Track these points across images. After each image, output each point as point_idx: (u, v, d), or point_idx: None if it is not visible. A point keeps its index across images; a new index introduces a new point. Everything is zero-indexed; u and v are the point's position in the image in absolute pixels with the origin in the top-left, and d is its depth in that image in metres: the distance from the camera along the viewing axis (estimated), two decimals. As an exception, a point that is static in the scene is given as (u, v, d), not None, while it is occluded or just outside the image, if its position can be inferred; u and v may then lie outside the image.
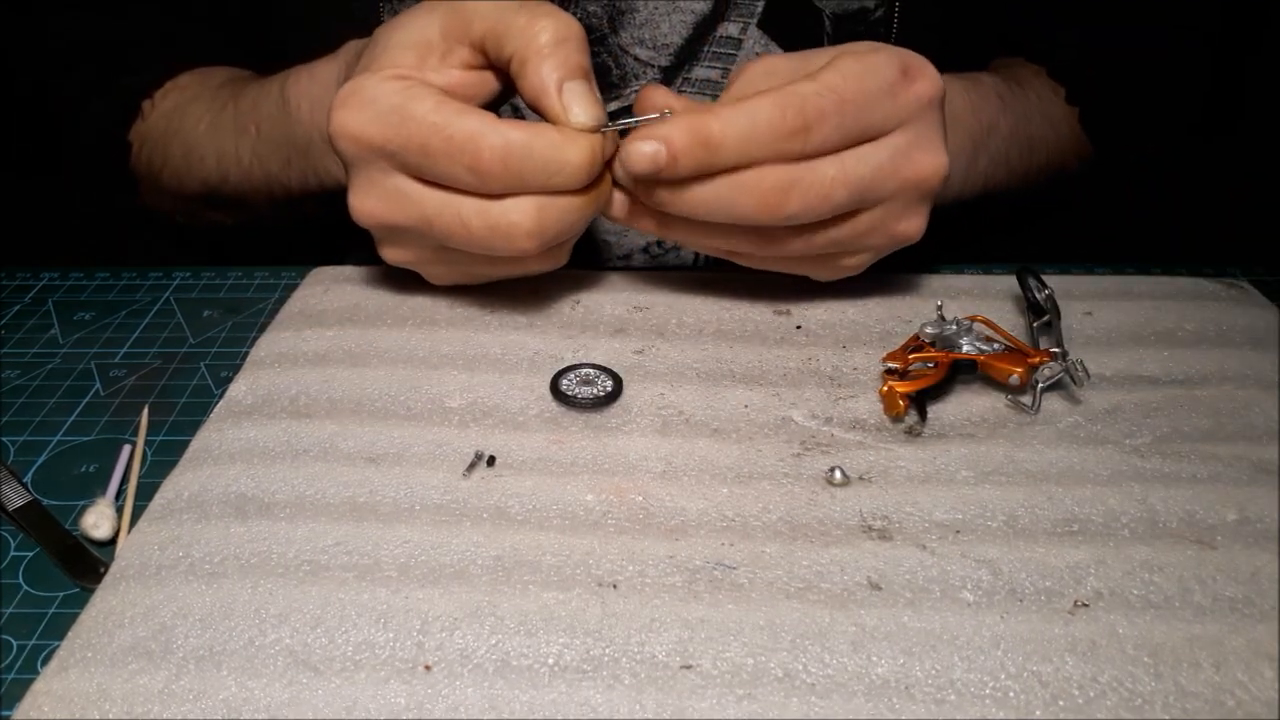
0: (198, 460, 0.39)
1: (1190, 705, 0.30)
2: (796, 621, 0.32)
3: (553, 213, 0.41)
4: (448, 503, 0.37)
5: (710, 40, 0.57)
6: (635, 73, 0.57)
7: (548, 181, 0.40)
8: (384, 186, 0.42)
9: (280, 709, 0.30)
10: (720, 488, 0.38)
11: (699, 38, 0.56)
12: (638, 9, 0.56)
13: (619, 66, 0.57)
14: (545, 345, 0.46)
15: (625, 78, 0.57)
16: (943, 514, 0.36)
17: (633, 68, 0.57)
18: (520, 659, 0.31)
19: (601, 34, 0.56)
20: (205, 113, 0.57)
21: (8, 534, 0.37)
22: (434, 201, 0.42)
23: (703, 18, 0.56)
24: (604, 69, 0.57)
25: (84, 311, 0.50)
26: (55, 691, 0.30)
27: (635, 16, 0.56)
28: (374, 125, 0.41)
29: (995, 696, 0.30)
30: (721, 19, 0.56)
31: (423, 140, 0.40)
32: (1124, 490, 0.37)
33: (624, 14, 0.56)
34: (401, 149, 0.41)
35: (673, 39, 0.56)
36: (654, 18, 0.56)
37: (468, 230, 0.41)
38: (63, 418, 0.43)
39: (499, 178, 0.40)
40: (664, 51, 0.57)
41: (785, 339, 0.47)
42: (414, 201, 0.42)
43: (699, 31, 0.56)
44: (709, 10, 0.56)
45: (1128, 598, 0.33)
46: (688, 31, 0.56)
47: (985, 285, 0.50)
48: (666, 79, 0.57)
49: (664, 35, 0.56)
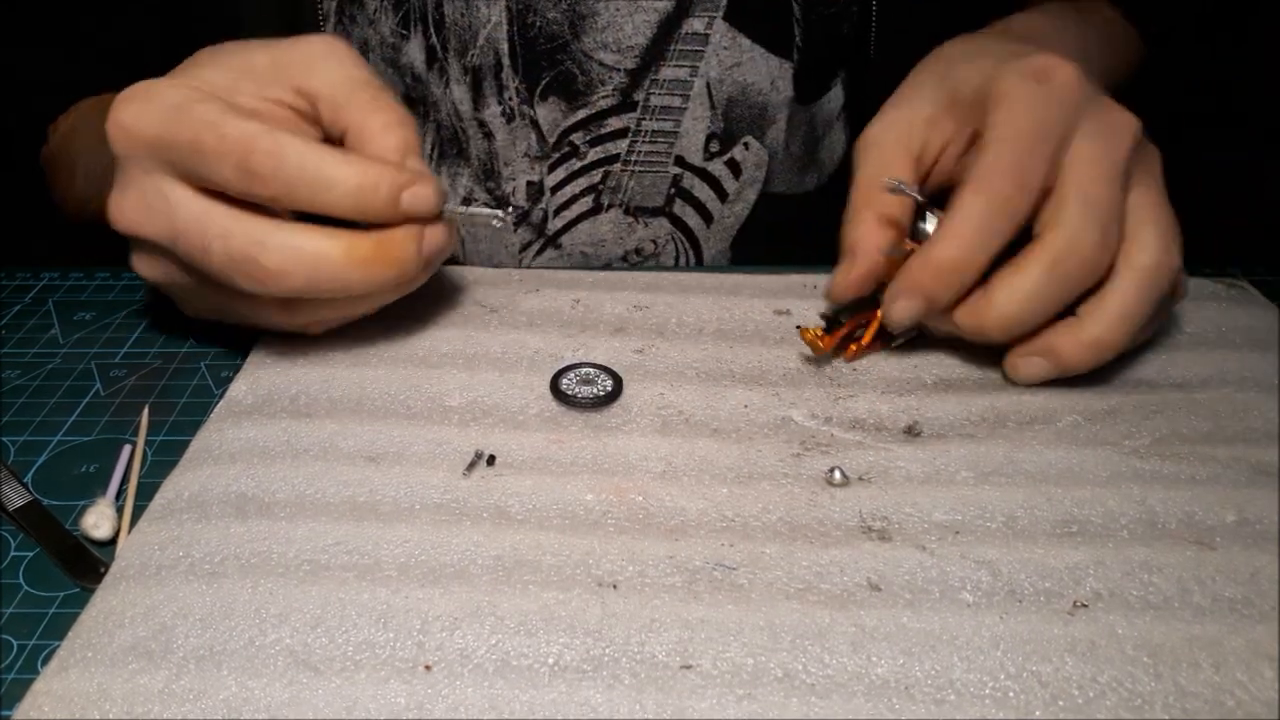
0: (198, 460, 0.39)
1: (1190, 705, 0.30)
2: (796, 622, 0.32)
3: (305, 264, 0.39)
4: (448, 502, 0.37)
5: (675, 38, 0.56)
6: (601, 78, 0.56)
7: (314, 197, 0.39)
8: (143, 188, 0.41)
9: (280, 709, 0.30)
10: (720, 488, 0.38)
11: (664, 36, 0.55)
12: (599, 12, 0.55)
13: (584, 73, 0.56)
14: (545, 345, 0.46)
15: (591, 84, 0.56)
16: (942, 515, 0.36)
17: (598, 73, 0.56)
18: (520, 659, 0.31)
19: (564, 41, 0.55)
20: (86, 131, 0.56)
21: (8, 534, 0.37)
22: (187, 213, 0.40)
23: (666, 15, 0.55)
24: (569, 76, 0.56)
25: (84, 311, 0.50)
26: (55, 691, 0.30)
27: (597, 20, 0.55)
28: (150, 119, 0.40)
29: (995, 697, 0.30)
30: (685, 15, 0.55)
31: (194, 135, 0.39)
32: (1123, 491, 0.37)
33: (585, 18, 0.55)
34: (172, 144, 0.40)
35: (637, 40, 0.55)
36: (616, 19, 0.55)
37: (207, 255, 0.40)
38: (63, 418, 0.43)
39: (267, 182, 0.39)
40: (629, 54, 0.56)
41: (785, 339, 0.47)
42: (168, 209, 0.40)
43: (663, 30, 0.55)
44: (672, 8, 0.55)
45: (1127, 598, 0.33)
46: (652, 31, 0.55)
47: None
48: (634, 81, 0.56)
49: (628, 37, 0.55)
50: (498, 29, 0.55)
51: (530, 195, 0.58)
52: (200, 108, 0.40)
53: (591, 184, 0.58)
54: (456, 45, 0.56)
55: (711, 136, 0.58)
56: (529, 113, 0.56)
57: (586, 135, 0.57)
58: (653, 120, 0.57)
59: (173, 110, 0.40)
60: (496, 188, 0.59)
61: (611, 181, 0.58)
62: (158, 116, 0.40)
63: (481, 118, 0.57)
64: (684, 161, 0.58)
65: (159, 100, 0.40)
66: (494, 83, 0.56)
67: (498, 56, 0.56)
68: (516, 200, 0.53)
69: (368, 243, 0.40)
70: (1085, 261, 0.40)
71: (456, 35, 0.55)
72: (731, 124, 0.58)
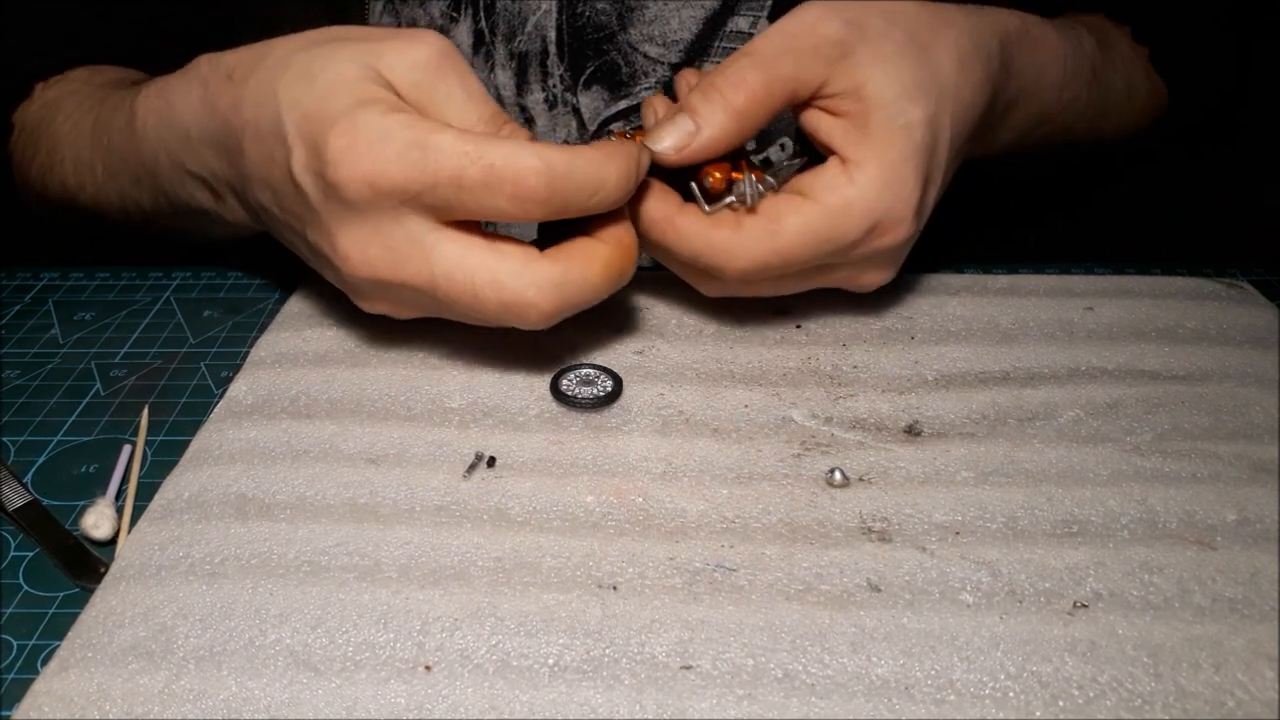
0: (198, 460, 0.39)
1: (1190, 705, 0.30)
2: (796, 623, 0.32)
3: (572, 294, 0.39)
4: (448, 504, 0.37)
5: (720, 35, 0.56)
6: (645, 70, 0.57)
7: (586, 203, 0.38)
8: (390, 235, 0.38)
9: (280, 709, 0.30)
10: (720, 489, 0.38)
11: (709, 33, 0.56)
12: (647, 5, 0.55)
13: (628, 64, 0.56)
14: (545, 345, 0.46)
15: (634, 75, 0.57)
16: (942, 515, 0.36)
17: (642, 65, 0.56)
18: (520, 659, 0.31)
19: (611, 32, 0.56)
20: (74, 111, 0.54)
21: (8, 534, 0.37)
22: (447, 261, 0.38)
23: (713, 12, 0.56)
24: (613, 67, 0.56)
25: (84, 311, 0.50)
26: (55, 691, 0.30)
27: (645, 13, 0.56)
28: (394, 165, 0.36)
29: (995, 697, 0.30)
30: (732, 13, 0.56)
31: (455, 171, 0.36)
32: (1123, 491, 0.37)
33: (633, 11, 0.56)
34: (431, 186, 0.37)
35: (682, 35, 0.56)
36: (664, 14, 0.56)
37: (477, 301, 0.38)
38: (63, 418, 0.43)
39: (545, 203, 0.37)
40: (674, 48, 0.56)
41: (785, 338, 0.47)
42: (424, 256, 0.38)
43: (709, 27, 0.56)
44: (718, 5, 0.55)
45: (1127, 598, 0.33)
46: (698, 27, 0.56)
47: (985, 284, 0.50)
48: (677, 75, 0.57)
49: (674, 31, 0.56)
50: (547, 16, 0.56)
51: None
52: (439, 139, 0.37)
53: None
54: (505, 30, 0.56)
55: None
56: (571, 100, 0.57)
57: (627, 125, 0.58)
58: None
59: (414, 149, 0.36)
60: None
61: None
62: (400, 159, 0.37)
63: (524, 103, 0.57)
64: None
65: (386, 139, 0.37)
66: (539, 69, 0.57)
67: (544, 44, 0.56)
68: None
69: (606, 249, 0.40)
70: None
71: (505, 20, 0.56)
72: (771, 123, 0.58)
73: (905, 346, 0.46)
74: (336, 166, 0.37)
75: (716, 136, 0.42)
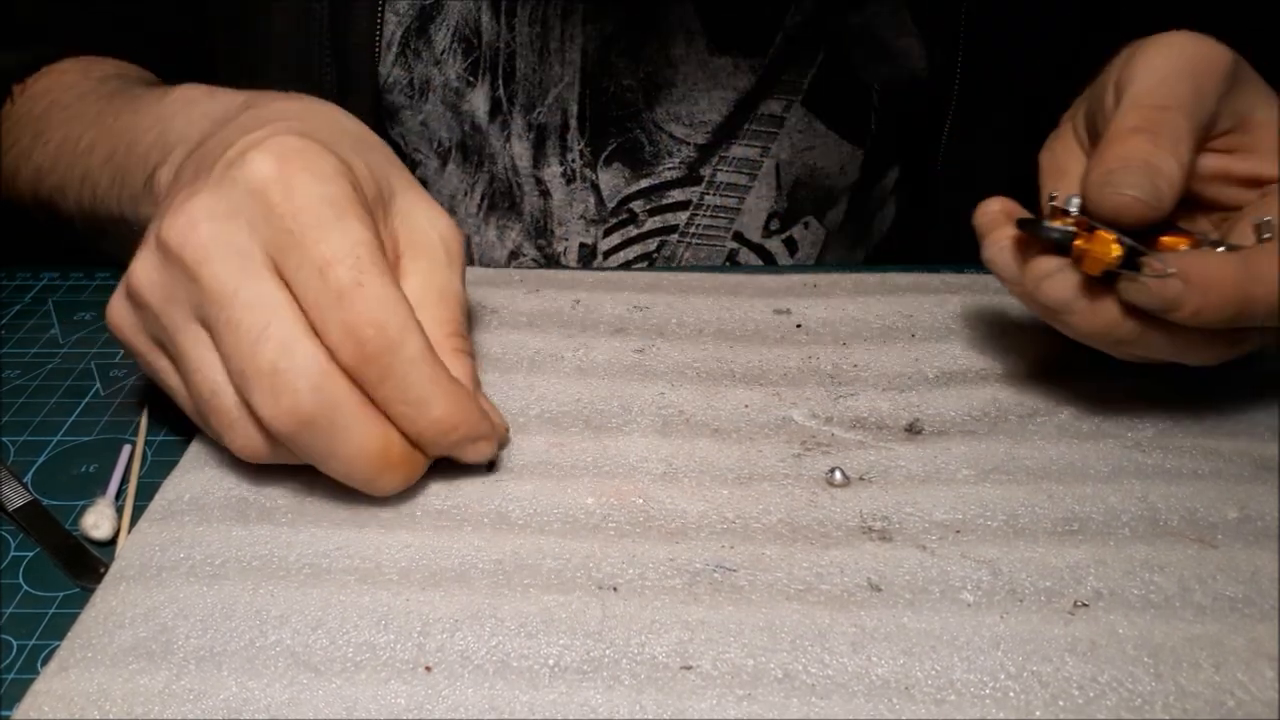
0: (199, 461, 0.39)
1: (1190, 705, 0.30)
2: (796, 623, 0.32)
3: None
4: (449, 508, 0.37)
5: (751, 118, 0.54)
6: (669, 150, 0.54)
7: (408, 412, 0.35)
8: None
9: (281, 709, 0.30)
10: (720, 489, 0.38)
11: (739, 115, 0.54)
12: (675, 84, 0.53)
13: (652, 143, 0.54)
14: (545, 345, 0.46)
15: (658, 155, 0.54)
16: (943, 514, 0.36)
17: (667, 144, 0.54)
18: (520, 660, 0.31)
19: (636, 109, 0.54)
20: (73, 102, 0.52)
21: (8, 534, 0.37)
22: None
23: (744, 95, 0.53)
24: (636, 145, 0.54)
25: (84, 311, 0.50)
26: (55, 691, 0.30)
27: (673, 92, 0.53)
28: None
29: (995, 697, 0.30)
30: (765, 96, 0.54)
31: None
32: (1124, 488, 0.37)
33: (660, 89, 0.53)
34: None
35: (711, 116, 0.54)
36: (692, 93, 0.53)
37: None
38: (63, 418, 0.43)
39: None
40: (701, 129, 0.54)
41: (785, 338, 0.47)
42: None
43: (739, 109, 0.54)
44: (751, 87, 0.53)
45: (1128, 597, 0.33)
46: (727, 109, 0.54)
47: (985, 283, 0.50)
48: (702, 156, 0.55)
49: (702, 112, 0.54)
50: (569, 89, 0.54)
51: (582, 258, 0.57)
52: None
53: (646, 251, 0.57)
54: (524, 100, 0.54)
55: (773, 215, 0.57)
56: (590, 176, 0.55)
57: (647, 204, 0.56)
58: (716, 195, 0.56)
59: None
60: (548, 245, 0.57)
61: (667, 251, 0.57)
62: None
63: (540, 175, 0.55)
64: (742, 237, 0.57)
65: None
66: (558, 143, 0.55)
67: (565, 117, 0.54)
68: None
69: (402, 449, 0.35)
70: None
71: (525, 90, 0.54)
72: (795, 204, 0.56)
73: (906, 344, 0.46)
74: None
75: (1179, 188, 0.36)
